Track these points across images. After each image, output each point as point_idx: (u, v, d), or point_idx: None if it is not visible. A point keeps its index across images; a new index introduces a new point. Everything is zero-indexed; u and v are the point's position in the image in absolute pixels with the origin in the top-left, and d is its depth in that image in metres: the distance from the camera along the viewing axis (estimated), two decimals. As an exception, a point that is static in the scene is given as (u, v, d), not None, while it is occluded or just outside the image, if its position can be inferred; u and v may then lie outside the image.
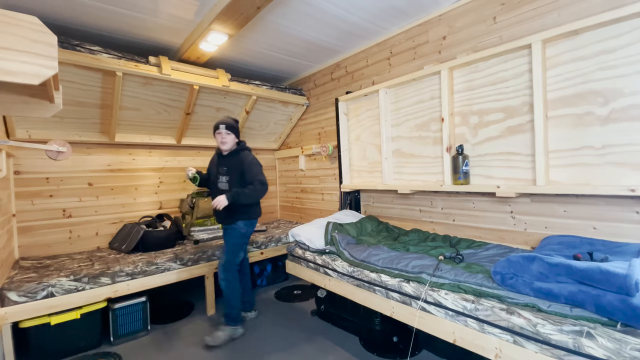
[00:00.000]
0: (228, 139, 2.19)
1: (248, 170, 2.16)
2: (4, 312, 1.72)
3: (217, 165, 2.25)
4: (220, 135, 2.18)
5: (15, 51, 0.87)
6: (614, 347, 0.96)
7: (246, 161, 2.19)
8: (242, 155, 2.22)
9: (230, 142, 2.20)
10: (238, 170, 2.18)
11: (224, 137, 2.18)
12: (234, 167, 2.19)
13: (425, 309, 1.49)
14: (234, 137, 2.22)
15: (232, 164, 2.20)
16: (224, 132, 2.17)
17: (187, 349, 2.07)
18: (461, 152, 2.04)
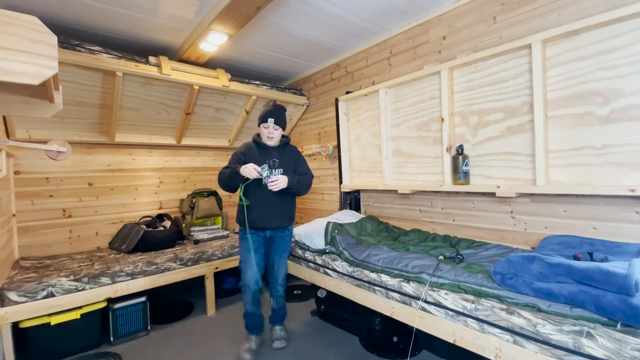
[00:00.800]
0: (276, 134, 1.99)
1: (302, 164, 2.07)
2: (4, 312, 1.72)
3: (262, 156, 1.99)
4: (268, 129, 1.97)
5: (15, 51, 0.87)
6: (614, 347, 0.96)
7: (300, 155, 2.10)
8: (293, 149, 2.11)
9: (277, 137, 2.01)
10: (291, 163, 2.03)
11: (272, 132, 1.97)
12: (287, 160, 2.03)
13: (425, 309, 1.49)
14: (281, 131, 2.02)
15: (284, 156, 2.03)
16: (271, 127, 1.96)
17: (187, 349, 2.07)
18: (461, 152, 2.04)
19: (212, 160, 3.58)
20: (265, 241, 2.06)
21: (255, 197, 1.96)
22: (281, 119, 1.99)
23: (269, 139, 1.98)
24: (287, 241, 2.10)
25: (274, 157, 1.99)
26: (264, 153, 1.99)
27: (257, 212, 1.96)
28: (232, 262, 2.69)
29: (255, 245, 2.00)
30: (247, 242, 1.99)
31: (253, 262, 1.97)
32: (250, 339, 2.01)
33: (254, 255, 1.97)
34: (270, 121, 1.94)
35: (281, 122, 1.99)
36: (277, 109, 1.98)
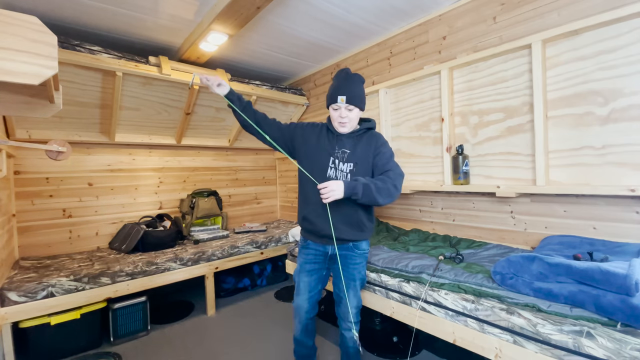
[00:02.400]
0: (350, 116, 1.41)
1: (383, 156, 1.43)
2: (4, 312, 1.72)
3: (330, 143, 1.47)
4: (339, 111, 1.41)
5: (15, 51, 0.87)
6: (614, 347, 0.96)
7: (383, 144, 1.47)
8: (375, 136, 1.49)
9: (353, 121, 1.44)
10: (369, 156, 1.44)
11: (344, 115, 1.41)
12: (363, 152, 1.44)
13: (425, 309, 1.49)
14: (358, 112, 1.44)
15: (360, 147, 1.45)
16: (343, 107, 1.40)
17: (187, 349, 2.07)
18: (461, 152, 2.04)
19: (212, 160, 3.58)
20: (326, 260, 1.55)
21: (309, 187, 1.45)
22: (357, 94, 1.41)
23: (341, 125, 1.43)
24: (358, 264, 1.52)
25: (342, 146, 1.45)
26: (332, 140, 1.47)
27: (314, 210, 1.46)
28: (232, 262, 2.69)
29: (310, 264, 1.54)
30: (301, 257, 1.57)
31: (302, 286, 1.55)
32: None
33: (306, 277, 1.54)
34: (340, 100, 1.38)
35: (357, 99, 1.40)
36: (350, 80, 1.42)
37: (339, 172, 1.44)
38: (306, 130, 1.53)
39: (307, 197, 1.49)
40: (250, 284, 3.07)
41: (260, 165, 4.02)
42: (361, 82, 1.46)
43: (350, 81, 1.42)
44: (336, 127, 1.45)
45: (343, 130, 1.45)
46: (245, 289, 3.05)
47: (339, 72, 1.46)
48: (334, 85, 1.45)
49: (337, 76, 1.47)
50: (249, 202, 3.90)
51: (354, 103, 1.40)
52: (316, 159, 1.47)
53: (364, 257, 1.56)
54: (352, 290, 1.52)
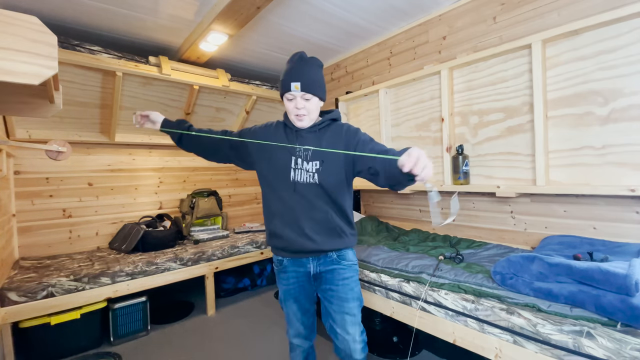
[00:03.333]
0: (309, 107, 1.20)
1: (366, 144, 1.19)
2: (4, 312, 1.72)
3: (289, 140, 1.26)
4: (294, 101, 1.19)
5: (15, 51, 0.87)
6: (614, 347, 0.96)
7: (357, 132, 1.25)
8: (343, 127, 1.27)
9: (312, 113, 1.22)
10: (337, 154, 1.21)
11: (299, 107, 1.19)
12: (331, 145, 1.22)
13: (425, 309, 1.49)
14: (317, 102, 1.22)
15: (325, 143, 1.23)
16: (298, 97, 1.18)
17: (187, 349, 2.07)
18: (461, 152, 2.04)
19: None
20: (311, 280, 1.31)
21: (271, 194, 1.28)
22: (315, 79, 1.19)
23: (298, 119, 1.21)
24: (349, 279, 1.27)
25: (306, 143, 1.24)
26: (291, 137, 1.26)
27: (280, 221, 1.25)
28: (232, 262, 2.69)
29: (294, 288, 1.31)
30: (281, 284, 1.33)
31: (292, 315, 1.33)
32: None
33: (294, 304, 1.32)
34: (294, 87, 1.16)
35: (315, 86, 1.18)
36: (305, 63, 1.19)
37: (303, 173, 1.22)
38: (258, 134, 1.31)
39: (270, 207, 1.29)
40: (250, 284, 3.07)
41: (260, 165, 4.01)
42: (319, 66, 1.23)
43: (305, 65, 1.19)
44: (293, 120, 1.24)
45: (301, 124, 1.22)
46: (245, 289, 3.05)
47: (292, 56, 1.22)
48: (286, 70, 1.20)
49: (289, 60, 1.22)
50: (249, 202, 3.90)
51: (311, 91, 1.17)
52: (276, 160, 1.25)
53: (354, 271, 1.30)
54: (350, 319, 1.24)
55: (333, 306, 1.27)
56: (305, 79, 1.17)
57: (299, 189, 1.22)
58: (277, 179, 1.25)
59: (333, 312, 1.27)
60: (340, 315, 1.25)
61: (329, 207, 1.23)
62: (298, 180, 1.22)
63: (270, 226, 1.30)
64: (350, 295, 1.26)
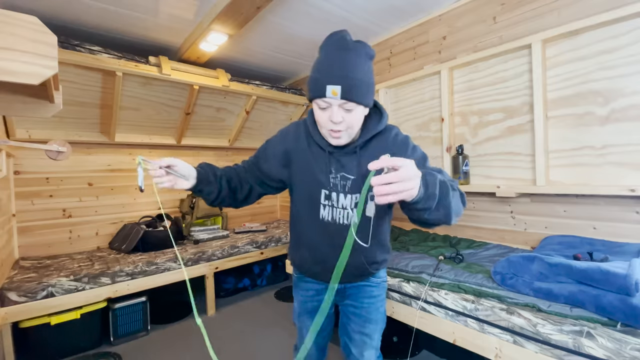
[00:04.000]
0: (349, 120, 0.86)
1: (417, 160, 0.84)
2: (4, 312, 1.72)
3: (318, 162, 0.97)
4: (328, 112, 0.85)
5: (15, 51, 0.87)
6: (614, 347, 0.96)
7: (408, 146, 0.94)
8: (393, 137, 0.95)
9: (353, 128, 0.88)
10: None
11: (336, 121, 0.84)
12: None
13: (425, 309, 1.49)
14: (362, 110, 0.87)
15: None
16: (336, 105, 0.83)
17: (187, 349, 2.07)
18: (461, 152, 2.04)
19: (212, 160, 3.57)
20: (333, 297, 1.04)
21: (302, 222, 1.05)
22: (361, 80, 0.83)
23: (334, 136, 0.88)
24: (376, 297, 1.09)
25: (344, 169, 0.94)
26: (321, 158, 0.96)
27: (307, 252, 1.06)
28: (232, 262, 2.69)
29: (311, 302, 1.13)
30: (298, 294, 1.17)
31: (306, 332, 1.13)
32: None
33: (310, 320, 1.13)
34: (332, 92, 0.81)
35: (362, 91, 0.83)
36: (348, 53, 0.83)
37: (338, 212, 0.95)
38: (284, 147, 1.01)
39: (297, 230, 1.09)
40: (250, 284, 3.07)
41: (260, 165, 4.02)
42: (369, 57, 0.86)
43: (350, 55, 0.82)
44: (325, 135, 0.91)
45: (338, 142, 0.89)
46: (245, 289, 3.05)
47: (330, 38, 0.87)
48: (319, 61, 0.86)
49: (326, 44, 0.87)
50: (249, 202, 3.90)
51: (356, 98, 0.81)
52: (300, 188, 1.01)
53: (383, 288, 1.12)
54: (369, 342, 1.08)
55: (352, 324, 1.10)
56: (348, 81, 0.80)
57: (330, 230, 0.97)
58: (304, 210, 1.01)
59: (351, 331, 1.11)
60: (359, 335, 1.09)
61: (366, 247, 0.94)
62: (329, 220, 0.97)
63: (294, 249, 1.14)
64: (374, 316, 1.09)
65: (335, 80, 0.81)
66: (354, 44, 0.85)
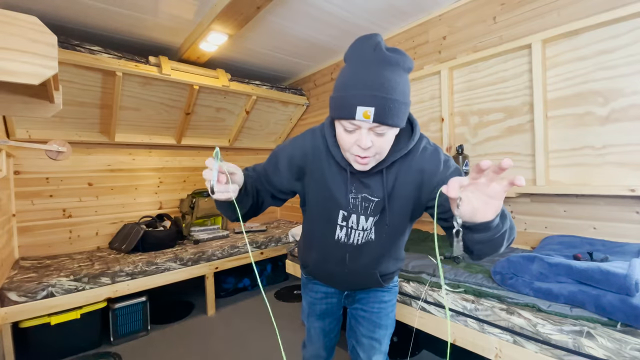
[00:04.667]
0: (379, 144, 0.74)
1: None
2: (4, 312, 1.72)
3: (336, 180, 0.87)
4: (356, 135, 0.73)
5: (15, 51, 0.87)
6: (614, 347, 0.96)
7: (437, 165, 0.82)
8: (417, 154, 0.84)
9: (382, 153, 0.78)
10: (410, 195, 0.85)
11: (365, 147, 0.72)
12: (403, 190, 0.84)
13: (425, 309, 1.49)
14: (394, 132, 0.76)
15: (398, 183, 0.84)
16: (366, 129, 0.71)
17: (187, 349, 2.07)
18: (461, 152, 2.04)
19: (212, 160, 3.58)
20: (342, 300, 1.13)
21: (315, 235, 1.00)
22: (398, 101, 0.70)
23: (360, 162, 0.77)
24: (387, 302, 1.07)
25: (366, 190, 0.86)
26: (341, 176, 0.86)
27: (319, 261, 1.02)
28: (232, 262, 2.69)
29: (320, 305, 1.12)
30: (307, 295, 1.15)
31: (314, 333, 1.14)
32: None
33: (318, 322, 1.13)
34: (363, 114, 0.68)
35: (397, 112, 0.71)
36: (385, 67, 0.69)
37: (356, 233, 0.89)
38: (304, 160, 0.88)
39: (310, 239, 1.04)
40: (250, 284, 3.07)
41: (260, 165, 4.01)
42: (405, 70, 0.73)
43: (386, 70, 0.69)
44: (348, 158, 0.80)
45: (364, 169, 0.80)
46: (245, 289, 3.05)
47: (360, 45, 0.73)
48: (348, 75, 0.72)
49: (356, 54, 0.74)
50: (249, 202, 3.90)
51: (390, 121, 0.70)
52: (315, 204, 0.92)
53: (394, 293, 1.09)
54: (376, 345, 1.05)
55: (362, 329, 1.08)
56: (384, 102, 0.68)
57: (345, 250, 0.93)
58: (318, 227, 0.95)
59: (360, 335, 1.08)
60: (368, 340, 1.06)
61: (382, 259, 0.95)
62: (345, 241, 0.92)
63: (304, 252, 1.10)
64: (384, 322, 1.06)
65: (368, 101, 0.68)
66: (390, 55, 0.70)
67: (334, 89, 0.76)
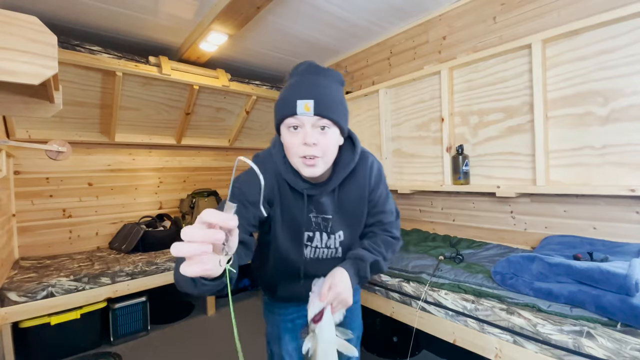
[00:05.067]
0: (324, 143, 0.77)
1: (379, 202, 0.94)
2: (4, 312, 1.72)
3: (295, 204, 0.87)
4: (301, 132, 0.76)
5: (15, 51, 0.87)
6: (614, 347, 0.96)
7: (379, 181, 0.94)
8: (366, 172, 0.91)
9: (329, 154, 0.80)
10: (361, 208, 0.93)
11: (310, 142, 0.75)
12: (353, 206, 0.91)
13: (425, 309, 1.49)
14: (337, 134, 0.81)
15: (348, 201, 0.90)
16: (308, 124, 0.75)
17: (187, 349, 2.07)
18: (461, 152, 2.04)
19: (212, 160, 3.58)
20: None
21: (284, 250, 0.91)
22: (336, 99, 0.79)
23: (308, 164, 0.77)
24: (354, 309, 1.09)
25: (323, 210, 0.88)
26: (296, 204, 0.86)
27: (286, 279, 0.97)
28: (232, 262, 2.68)
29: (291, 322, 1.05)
30: (275, 316, 1.08)
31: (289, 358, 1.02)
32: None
33: (291, 342, 1.03)
34: (304, 107, 0.73)
35: (336, 108, 0.78)
36: (318, 75, 0.80)
37: (322, 251, 0.91)
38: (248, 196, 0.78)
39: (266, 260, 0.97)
40: (250, 284, 3.07)
41: (260, 165, 4.01)
42: (339, 82, 0.83)
43: (319, 77, 0.79)
44: (297, 166, 0.79)
45: (312, 173, 0.77)
46: (245, 289, 3.05)
47: (296, 67, 0.85)
48: (288, 85, 0.81)
49: (293, 72, 0.84)
50: (249, 202, 3.90)
51: (331, 115, 0.75)
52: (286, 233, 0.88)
53: (358, 291, 1.14)
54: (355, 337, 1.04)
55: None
56: (322, 97, 0.74)
57: (313, 264, 0.93)
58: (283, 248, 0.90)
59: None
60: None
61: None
62: (312, 257, 0.92)
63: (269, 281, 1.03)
64: (356, 324, 1.06)
65: (307, 94, 0.74)
66: (323, 69, 0.83)
67: (279, 97, 0.81)
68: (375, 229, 0.97)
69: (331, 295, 0.76)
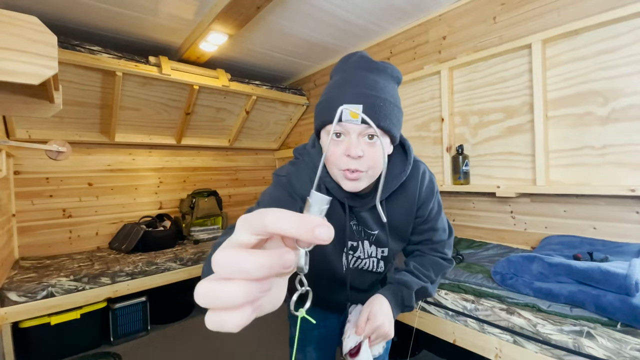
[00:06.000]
0: (371, 156, 0.64)
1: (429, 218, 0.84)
2: (4, 312, 1.72)
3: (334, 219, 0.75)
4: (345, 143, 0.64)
5: (15, 51, 0.87)
6: (614, 347, 0.96)
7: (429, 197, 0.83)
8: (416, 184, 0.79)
9: (376, 168, 0.66)
10: (409, 223, 0.83)
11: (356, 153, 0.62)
12: (401, 220, 0.82)
13: (425, 309, 1.49)
14: (387, 144, 0.68)
15: (396, 214, 0.80)
16: (355, 134, 0.63)
17: (187, 349, 2.07)
18: (461, 152, 2.04)
19: (212, 160, 3.58)
20: (341, 321, 1.01)
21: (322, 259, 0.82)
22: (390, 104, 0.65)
23: (350, 177, 0.66)
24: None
25: (365, 224, 0.80)
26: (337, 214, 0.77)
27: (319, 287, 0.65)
28: (232, 262, 2.68)
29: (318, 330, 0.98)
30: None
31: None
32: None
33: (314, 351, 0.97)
34: (348, 113, 0.60)
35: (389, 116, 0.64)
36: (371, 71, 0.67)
37: (364, 262, 0.85)
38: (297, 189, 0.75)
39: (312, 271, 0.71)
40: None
41: (261, 165, 4.02)
42: (395, 80, 0.71)
43: (372, 74, 0.66)
44: (336, 178, 0.70)
45: (355, 187, 0.67)
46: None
47: (345, 59, 0.71)
48: (336, 80, 0.69)
49: (342, 67, 0.71)
50: (249, 202, 3.90)
51: (383, 123, 0.63)
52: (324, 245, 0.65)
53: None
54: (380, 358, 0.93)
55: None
56: (372, 99, 0.62)
57: (352, 274, 0.86)
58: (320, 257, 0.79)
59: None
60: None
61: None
62: (352, 266, 0.85)
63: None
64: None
65: (354, 99, 0.61)
66: (378, 62, 0.69)
67: (322, 98, 0.70)
68: (423, 248, 0.86)
69: (369, 328, 0.68)
